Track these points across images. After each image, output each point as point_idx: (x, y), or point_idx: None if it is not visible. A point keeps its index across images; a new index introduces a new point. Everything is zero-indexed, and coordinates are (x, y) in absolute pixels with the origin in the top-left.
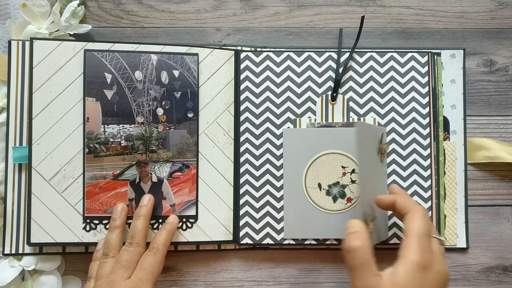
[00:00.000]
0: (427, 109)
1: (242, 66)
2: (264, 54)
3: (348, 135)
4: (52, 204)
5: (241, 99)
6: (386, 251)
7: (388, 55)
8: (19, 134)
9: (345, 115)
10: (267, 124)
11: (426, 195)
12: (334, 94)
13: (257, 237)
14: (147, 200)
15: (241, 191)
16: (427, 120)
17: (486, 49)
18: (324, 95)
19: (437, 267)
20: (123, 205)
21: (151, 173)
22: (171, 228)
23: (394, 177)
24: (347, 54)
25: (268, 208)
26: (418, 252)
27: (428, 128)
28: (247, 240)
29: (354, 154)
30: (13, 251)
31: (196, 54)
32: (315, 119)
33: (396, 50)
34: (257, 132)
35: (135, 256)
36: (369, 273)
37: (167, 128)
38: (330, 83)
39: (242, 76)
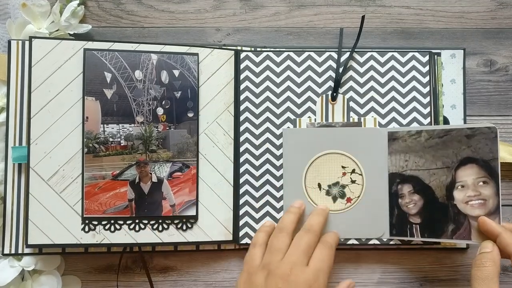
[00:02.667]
0: (428, 109)
1: (242, 66)
2: (264, 54)
3: (348, 136)
4: (50, 205)
5: (241, 99)
6: (386, 251)
7: (389, 54)
8: (19, 134)
9: (345, 115)
10: (267, 124)
11: None
12: (334, 94)
13: None
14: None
15: (241, 191)
16: (428, 120)
17: (486, 49)
18: (324, 95)
19: None
20: (302, 202)
21: (151, 173)
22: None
23: None
24: (347, 54)
25: (268, 208)
26: None
27: None
28: (247, 240)
29: (354, 154)
30: (13, 251)
31: (196, 54)
32: (315, 119)
33: (397, 50)
34: (257, 132)
35: (312, 243)
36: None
37: (167, 128)
38: (330, 83)
39: (242, 76)
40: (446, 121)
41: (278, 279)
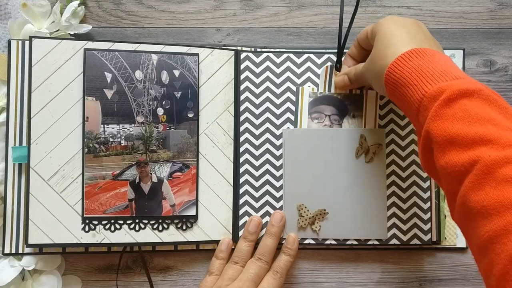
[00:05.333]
0: None
1: (242, 66)
2: (264, 55)
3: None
4: (50, 205)
5: (241, 99)
6: (386, 251)
7: None
8: (19, 133)
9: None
10: (267, 125)
11: (425, 195)
12: (338, 65)
13: (259, 237)
14: (280, 219)
15: (241, 191)
16: None
17: (486, 49)
18: (329, 65)
19: None
20: (260, 221)
21: (151, 173)
22: (294, 254)
23: (393, 177)
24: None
25: (267, 208)
26: None
27: None
28: None
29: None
30: (13, 251)
31: (197, 54)
32: (317, 89)
33: None
34: (257, 132)
35: (262, 272)
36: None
37: (167, 128)
38: None
39: (242, 77)
40: None
41: None
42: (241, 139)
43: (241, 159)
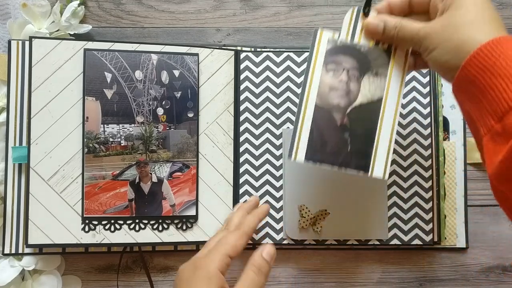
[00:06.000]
0: (428, 109)
1: (242, 66)
2: (264, 55)
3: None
4: (50, 205)
5: (240, 99)
6: (386, 251)
7: None
8: (19, 133)
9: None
10: (267, 124)
11: (427, 195)
12: (367, 10)
13: (257, 237)
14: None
15: (241, 191)
16: (428, 120)
17: None
18: (356, 8)
19: None
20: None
21: (151, 173)
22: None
23: (394, 177)
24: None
25: None
26: None
27: (429, 129)
28: None
29: None
30: (13, 251)
31: (196, 54)
32: (339, 34)
33: None
34: (257, 132)
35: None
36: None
37: (167, 128)
38: None
39: (242, 76)
40: (446, 121)
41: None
42: (241, 139)
43: (241, 159)
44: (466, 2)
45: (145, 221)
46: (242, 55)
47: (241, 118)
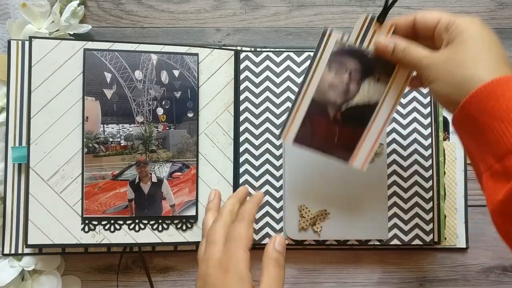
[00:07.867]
0: (428, 109)
1: (242, 66)
2: (264, 54)
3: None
4: (50, 205)
5: (240, 99)
6: (386, 251)
7: None
8: (19, 134)
9: None
10: (267, 124)
11: (427, 196)
12: (381, 19)
13: (257, 237)
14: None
15: None
16: (428, 120)
17: None
18: (371, 14)
19: None
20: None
21: (151, 173)
22: (256, 199)
23: (394, 177)
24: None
25: (267, 208)
26: None
27: (430, 128)
28: None
29: None
30: (13, 251)
31: (196, 54)
32: (348, 37)
33: None
34: (257, 132)
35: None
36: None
37: (167, 128)
38: None
39: (242, 76)
40: (446, 121)
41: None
42: (241, 139)
43: (241, 159)
44: (470, 36)
45: (145, 221)
46: (242, 55)
47: (241, 118)
